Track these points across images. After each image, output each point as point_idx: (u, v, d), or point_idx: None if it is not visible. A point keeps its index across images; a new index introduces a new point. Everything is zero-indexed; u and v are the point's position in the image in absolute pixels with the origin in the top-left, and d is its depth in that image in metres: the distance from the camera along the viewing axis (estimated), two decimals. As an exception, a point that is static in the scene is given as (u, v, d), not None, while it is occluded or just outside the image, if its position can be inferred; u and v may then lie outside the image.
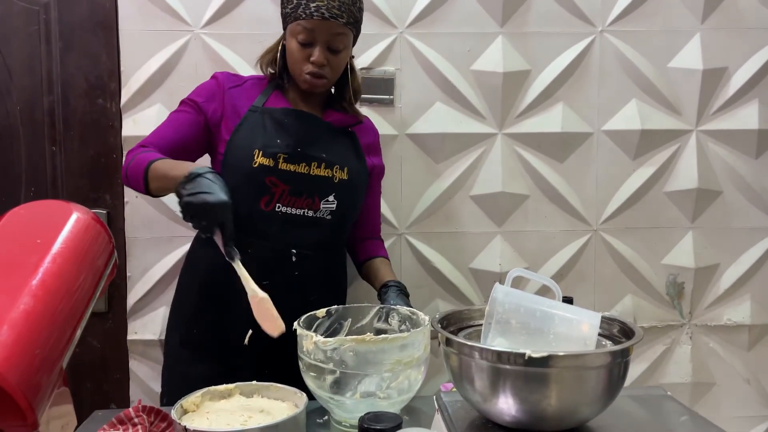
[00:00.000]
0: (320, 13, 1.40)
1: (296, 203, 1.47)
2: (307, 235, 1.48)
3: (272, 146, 1.45)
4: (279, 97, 1.55)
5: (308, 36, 1.42)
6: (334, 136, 1.55)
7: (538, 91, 1.93)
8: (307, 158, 1.47)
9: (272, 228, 1.45)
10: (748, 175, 1.99)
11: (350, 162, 1.55)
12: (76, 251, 0.70)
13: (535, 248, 1.98)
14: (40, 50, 1.88)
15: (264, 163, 1.44)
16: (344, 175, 1.52)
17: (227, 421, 1.06)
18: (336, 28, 1.43)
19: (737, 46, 1.96)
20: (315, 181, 1.48)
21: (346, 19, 1.43)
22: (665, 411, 1.01)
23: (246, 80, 1.57)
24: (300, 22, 1.42)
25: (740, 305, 2.04)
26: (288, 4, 1.46)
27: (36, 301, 0.61)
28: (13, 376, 0.55)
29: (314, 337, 1.18)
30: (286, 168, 1.45)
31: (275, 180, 1.45)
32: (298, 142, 1.48)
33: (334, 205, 1.51)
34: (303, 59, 1.44)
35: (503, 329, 0.98)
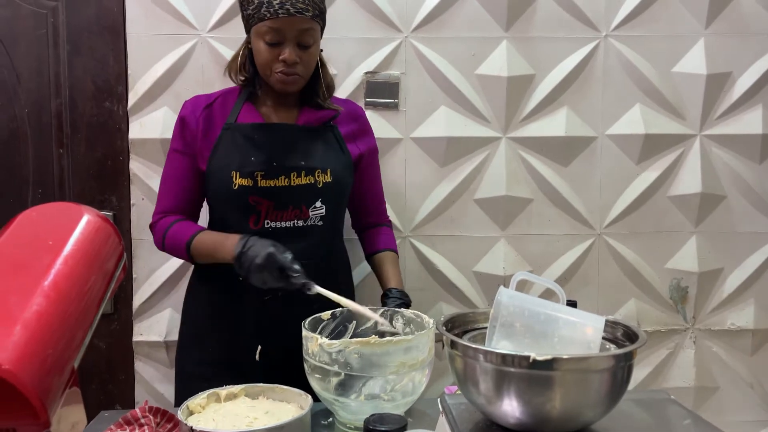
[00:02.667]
0: (285, 10, 1.36)
1: (284, 216, 1.46)
2: (301, 246, 1.45)
3: (248, 165, 1.44)
4: (250, 109, 1.52)
5: (276, 35, 1.39)
6: (311, 139, 1.51)
7: (542, 96, 1.94)
8: (285, 170, 1.45)
9: None
10: (752, 180, 1.99)
11: (332, 161, 1.51)
12: (87, 253, 0.70)
13: (538, 252, 1.99)
14: (48, 53, 1.89)
15: (243, 184, 1.43)
16: (328, 177, 1.49)
17: (233, 422, 1.06)
18: (304, 23, 1.39)
19: (741, 51, 1.96)
20: (298, 191, 1.46)
21: (312, 12, 1.39)
22: (668, 415, 1.01)
23: (215, 98, 1.53)
24: (265, 22, 1.38)
25: (744, 310, 2.04)
26: (249, 5, 1.41)
27: (48, 302, 0.62)
28: (26, 375, 0.56)
29: (319, 340, 1.19)
30: (266, 184, 1.44)
31: (258, 198, 1.44)
32: (273, 156, 1.45)
33: (323, 210, 1.49)
34: (273, 59, 1.41)
35: (508, 332, 0.98)
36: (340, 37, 1.89)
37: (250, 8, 1.40)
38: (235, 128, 1.48)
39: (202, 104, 1.51)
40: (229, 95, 1.54)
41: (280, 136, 1.48)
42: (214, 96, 1.54)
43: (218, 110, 1.51)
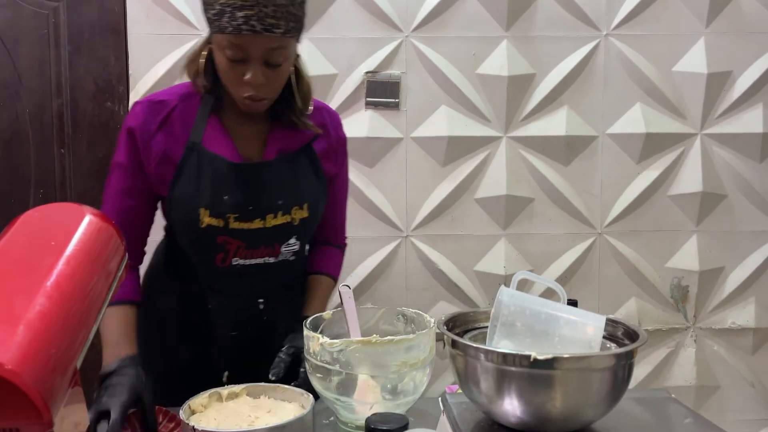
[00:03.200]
0: (250, 27, 1.10)
1: (254, 254, 1.29)
2: (271, 282, 1.32)
3: (220, 205, 1.23)
4: (216, 125, 1.27)
5: (239, 52, 1.14)
6: (289, 172, 1.30)
7: (542, 95, 1.94)
8: (261, 213, 1.26)
9: (232, 282, 1.29)
10: (752, 179, 1.99)
11: (309, 193, 1.32)
12: (89, 253, 0.71)
13: (539, 251, 1.99)
14: (50, 53, 1.90)
15: (213, 224, 1.24)
16: (305, 212, 1.31)
17: (235, 421, 1.07)
18: (272, 42, 1.13)
19: (742, 50, 1.96)
20: (273, 231, 1.29)
21: (284, 27, 1.13)
22: (669, 413, 1.02)
23: (174, 106, 1.26)
24: (226, 36, 1.13)
25: (745, 308, 2.04)
26: (209, 8, 1.16)
27: (51, 302, 0.62)
28: (29, 375, 0.56)
29: (321, 339, 1.19)
30: (239, 227, 1.25)
31: (228, 239, 1.26)
32: (249, 199, 1.25)
33: (296, 246, 1.33)
34: (236, 79, 1.17)
35: (508, 331, 0.99)
36: (341, 37, 1.90)
37: (211, 12, 1.16)
38: (202, 153, 1.24)
39: (159, 115, 1.25)
40: (190, 101, 1.27)
41: (258, 177, 1.27)
42: (173, 102, 1.27)
43: (178, 121, 1.26)
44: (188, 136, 1.25)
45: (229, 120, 1.29)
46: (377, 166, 1.94)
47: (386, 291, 1.97)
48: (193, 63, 1.26)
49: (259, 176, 1.27)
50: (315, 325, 1.31)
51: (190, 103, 1.27)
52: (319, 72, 1.89)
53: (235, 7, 1.11)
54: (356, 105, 1.92)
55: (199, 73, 1.24)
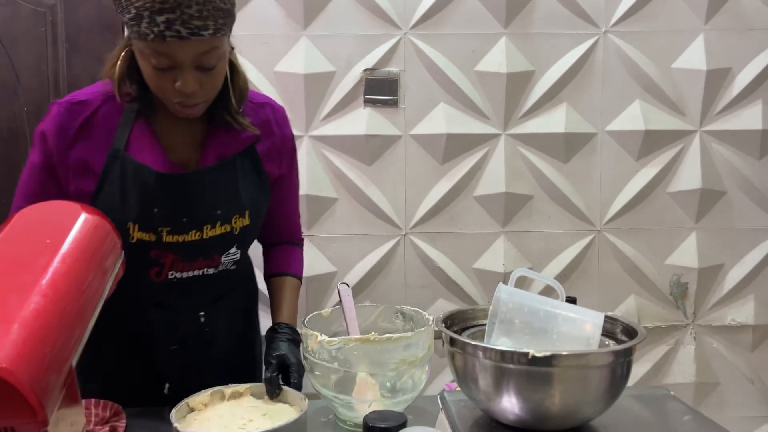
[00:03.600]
0: (174, 32, 0.97)
1: (192, 266, 1.18)
2: (212, 293, 1.24)
3: (150, 219, 1.12)
4: (143, 129, 1.14)
5: (165, 60, 1.01)
6: (227, 177, 1.18)
7: (541, 92, 1.93)
8: (197, 224, 1.15)
9: (170, 296, 1.20)
10: (751, 176, 1.99)
11: (250, 198, 1.22)
12: (85, 251, 0.70)
13: (538, 248, 1.99)
14: (47, 52, 1.90)
15: (144, 239, 1.12)
16: (246, 220, 1.20)
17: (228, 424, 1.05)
18: (202, 46, 1.01)
19: (741, 47, 1.96)
20: (211, 243, 1.18)
21: (213, 26, 1.00)
22: (668, 410, 1.01)
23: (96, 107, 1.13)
24: (148, 43, 0.99)
25: (744, 306, 2.04)
26: (123, 11, 1.00)
27: (46, 300, 0.62)
28: (23, 374, 0.56)
29: (319, 337, 1.19)
30: (173, 240, 1.14)
31: (161, 252, 1.15)
32: (182, 210, 1.14)
33: (237, 255, 1.23)
34: (165, 86, 1.04)
35: (507, 329, 0.98)
36: (339, 35, 1.89)
37: (126, 15, 1.00)
38: (126, 161, 1.11)
39: (78, 118, 1.11)
40: (115, 101, 1.13)
41: (191, 186, 1.15)
42: (95, 103, 1.13)
43: (101, 125, 1.12)
44: (111, 143, 1.12)
45: (158, 123, 1.15)
46: (376, 164, 1.94)
47: (385, 289, 1.97)
48: (112, 67, 1.10)
49: (194, 186, 1.15)
50: (313, 324, 1.31)
51: (114, 103, 1.13)
52: (318, 70, 1.89)
53: (154, 11, 0.96)
54: (355, 102, 1.92)
55: (122, 79, 1.09)
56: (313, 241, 1.94)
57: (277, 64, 1.90)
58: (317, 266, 1.94)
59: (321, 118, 1.92)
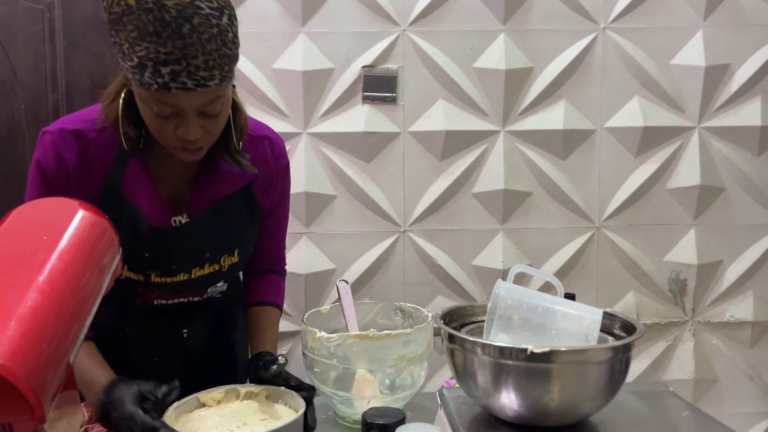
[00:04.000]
0: (180, 83, 0.93)
1: (177, 296, 1.19)
2: (195, 316, 1.24)
3: (140, 262, 1.11)
4: (138, 168, 1.11)
5: (168, 109, 0.98)
6: (219, 221, 1.17)
7: (540, 89, 1.93)
8: (186, 267, 1.16)
9: (153, 320, 1.20)
10: (750, 172, 1.99)
11: (242, 236, 1.21)
12: (82, 248, 0.70)
13: (537, 245, 1.99)
14: (45, 49, 1.89)
15: (132, 278, 1.12)
16: (235, 258, 1.20)
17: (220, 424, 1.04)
18: (207, 96, 0.97)
19: (740, 43, 1.95)
20: (199, 281, 1.18)
21: (219, 76, 0.96)
22: (667, 406, 1.02)
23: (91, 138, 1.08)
24: (152, 93, 0.95)
25: (743, 302, 2.04)
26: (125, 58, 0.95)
27: (43, 297, 0.62)
28: (20, 370, 0.55)
29: (318, 333, 1.19)
30: (161, 281, 1.15)
31: (148, 289, 1.16)
32: (172, 258, 1.14)
33: (224, 287, 1.24)
34: (166, 132, 1.01)
35: (505, 325, 0.98)
36: (337, 32, 1.89)
37: (127, 62, 0.95)
38: (122, 203, 1.09)
39: (72, 152, 1.07)
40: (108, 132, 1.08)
41: (184, 236, 1.14)
42: (88, 134, 1.09)
43: (96, 156, 1.08)
44: (105, 178, 1.08)
45: (154, 159, 1.12)
46: (374, 161, 1.93)
47: (384, 286, 1.97)
48: (111, 103, 1.06)
49: (185, 236, 1.14)
50: (312, 321, 1.31)
51: (108, 135, 1.08)
52: (316, 67, 1.89)
53: (158, 62, 0.91)
54: (353, 100, 1.92)
55: (119, 120, 1.04)
56: (311, 238, 1.94)
57: (276, 61, 1.89)
58: (316, 263, 1.94)
59: (319, 115, 1.92)
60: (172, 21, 0.90)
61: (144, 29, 0.90)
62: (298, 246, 1.94)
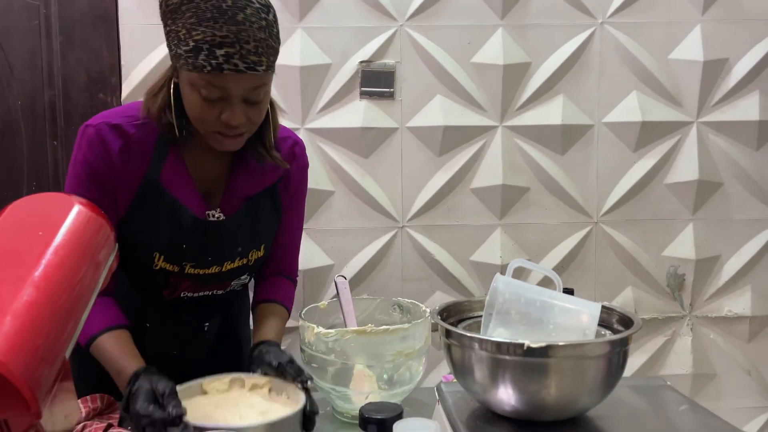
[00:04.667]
0: (232, 66, 1.01)
1: (203, 289, 1.25)
2: (218, 309, 1.32)
3: (177, 253, 1.17)
4: (176, 161, 1.16)
5: (217, 92, 1.04)
6: (251, 219, 1.24)
7: (538, 84, 1.93)
8: (219, 261, 1.22)
9: (178, 311, 1.26)
10: (748, 167, 1.99)
11: (268, 232, 1.29)
12: (78, 243, 0.70)
13: (535, 241, 1.99)
14: (41, 45, 1.88)
15: (167, 268, 1.17)
16: (261, 252, 1.27)
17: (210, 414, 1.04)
18: (255, 81, 1.05)
19: (738, 38, 1.95)
20: (227, 274, 1.25)
21: (266, 63, 1.05)
22: (664, 401, 1.02)
23: (131, 133, 1.13)
24: (203, 75, 1.02)
25: (741, 297, 2.04)
26: (180, 43, 1.04)
27: (38, 292, 0.61)
28: (16, 366, 0.55)
29: (316, 329, 1.19)
30: (194, 272, 1.20)
31: (180, 279, 1.21)
32: (209, 251, 1.20)
33: (246, 279, 1.31)
34: (210, 117, 1.07)
35: (504, 320, 0.98)
36: (335, 27, 1.88)
37: (182, 47, 1.03)
38: (162, 194, 1.14)
39: (115, 145, 1.12)
40: (146, 126, 1.14)
41: (220, 230, 1.20)
42: (128, 129, 1.13)
43: (136, 150, 1.13)
44: (145, 170, 1.13)
45: (190, 152, 1.18)
46: (372, 157, 1.93)
47: (382, 282, 1.96)
48: (154, 96, 1.13)
49: (222, 231, 1.20)
50: (310, 316, 1.31)
51: (147, 129, 1.14)
52: (313, 62, 1.88)
53: (214, 44, 1.00)
54: (351, 95, 1.91)
55: (164, 111, 1.11)
56: (309, 234, 1.94)
57: (273, 57, 1.89)
58: (314, 259, 1.94)
59: (317, 111, 1.91)
60: (228, 9, 1.00)
61: (202, 15, 1.00)
62: (296, 242, 1.94)
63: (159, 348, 1.22)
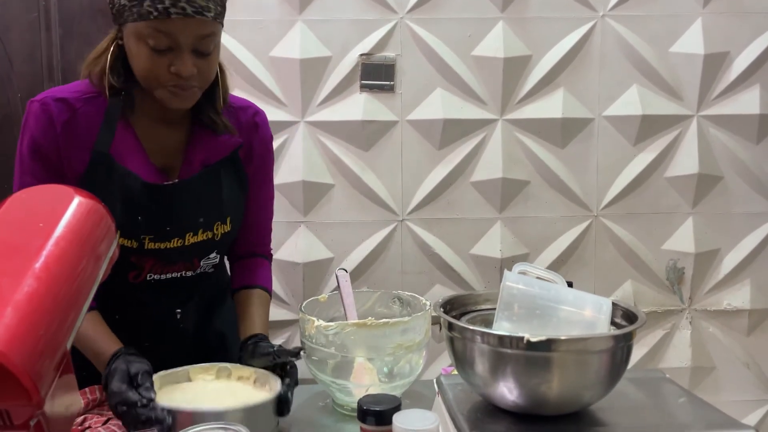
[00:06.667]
0: (180, 9, 1.00)
1: (171, 269, 1.20)
2: (189, 294, 1.25)
3: (133, 226, 1.12)
4: (126, 133, 1.13)
5: (165, 40, 1.02)
6: (211, 185, 1.19)
7: (538, 77, 1.92)
8: (180, 232, 1.16)
9: (146, 296, 1.21)
10: (748, 161, 1.98)
11: (233, 204, 1.23)
12: (78, 235, 0.70)
13: (535, 234, 1.99)
14: (41, 37, 1.88)
15: (125, 245, 1.12)
16: (227, 227, 1.22)
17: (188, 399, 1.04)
18: (204, 28, 1.04)
19: (739, 31, 1.95)
20: (192, 248, 1.19)
21: (214, 10, 1.04)
22: (663, 393, 1.02)
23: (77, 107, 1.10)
24: (150, 22, 1.00)
25: (740, 290, 2.04)
26: None
27: (39, 283, 0.61)
28: (17, 356, 0.55)
29: (316, 322, 1.19)
30: (155, 247, 1.15)
31: (140, 257, 1.16)
32: (166, 219, 1.15)
33: (216, 259, 1.26)
34: (161, 70, 1.04)
35: (513, 315, 0.98)
36: (335, 19, 1.88)
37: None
38: (112, 166, 1.10)
39: (59, 118, 1.09)
40: (94, 101, 1.12)
41: (177, 196, 1.15)
42: (75, 103, 1.11)
43: (82, 124, 1.10)
44: (92, 146, 1.09)
45: (141, 124, 1.15)
46: (372, 150, 1.93)
47: (382, 275, 1.97)
48: (97, 61, 1.10)
49: (179, 195, 1.16)
50: (310, 309, 1.31)
51: (95, 103, 1.11)
52: (313, 55, 1.88)
53: None
54: (351, 88, 1.91)
55: (105, 72, 1.09)
56: (309, 227, 1.94)
57: (273, 49, 1.88)
58: (314, 252, 1.94)
59: (317, 104, 1.91)
60: None
61: None
62: (296, 235, 1.94)
63: (130, 339, 1.13)
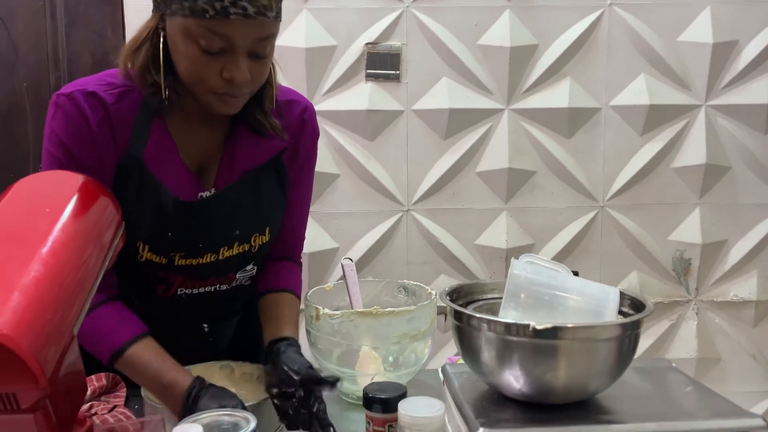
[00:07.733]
0: (241, 9, 0.86)
1: (203, 284, 1.08)
2: (221, 308, 1.15)
3: (163, 242, 1.01)
4: (161, 135, 1.00)
5: (219, 42, 0.89)
6: (250, 194, 1.06)
7: (545, 66, 1.91)
8: (213, 248, 1.05)
9: (176, 310, 1.10)
10: (757, 151, 1.97)
11: (273, 212, 1.11)
12: (84, 220, 0.70)
13: (541, 224, 1.98)
14: (46, 26, 1.88)
15: (153, 260, 1.01)
16: (266, 237, 1.10)
17: None
18: (264, 30, 0.91)
19: (748, 20, 1.93)
20: (227, 262, 1.08)
21: (275, 9, 0.91)
22: (669, 382, 1.01)
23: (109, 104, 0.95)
24: (204, 21, 0.87)
25: (747, 281, 2.03)
26: None
27: (46, 268, 0.61)
28: (24, 340, 0.55)
29: (322, 310, 1.19)
30: (185, 263, 1.04)
31: (170, 273, 1.05)
32: (199, 236, 1.03)
33: (253, 271, 1.14)
34: (211, 74, 0.91)
35: (520, 303, 0.97)
36: (340, 8, 1.87)
37: None
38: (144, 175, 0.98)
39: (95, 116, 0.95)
40: (127, 96, 0.97)
41: (211, 210, 1.03)
42: (106, 98, 0.96)
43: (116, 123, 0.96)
44: (125, 147, 0.97)
45: (176, 122, 1.01)
46: (378, 140, 1.92)
47: (387, 265, 1.97)
48: (135, 53, 0.95)
49: (214, 210, 1.03)
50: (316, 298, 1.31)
51: (127, 99, 0.97)
52: (319, 44, 1.87)
53: None
54: (356, 77, 1.90)
55: (148, 67, 0.94)
56: (315, 217, 1.94)
57: (278, 38, 1.87)
58: (319, 242, 1.94)
59: (322, 93, 1.90)
60: None
61: None
62: (302, 225, 1.93)
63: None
